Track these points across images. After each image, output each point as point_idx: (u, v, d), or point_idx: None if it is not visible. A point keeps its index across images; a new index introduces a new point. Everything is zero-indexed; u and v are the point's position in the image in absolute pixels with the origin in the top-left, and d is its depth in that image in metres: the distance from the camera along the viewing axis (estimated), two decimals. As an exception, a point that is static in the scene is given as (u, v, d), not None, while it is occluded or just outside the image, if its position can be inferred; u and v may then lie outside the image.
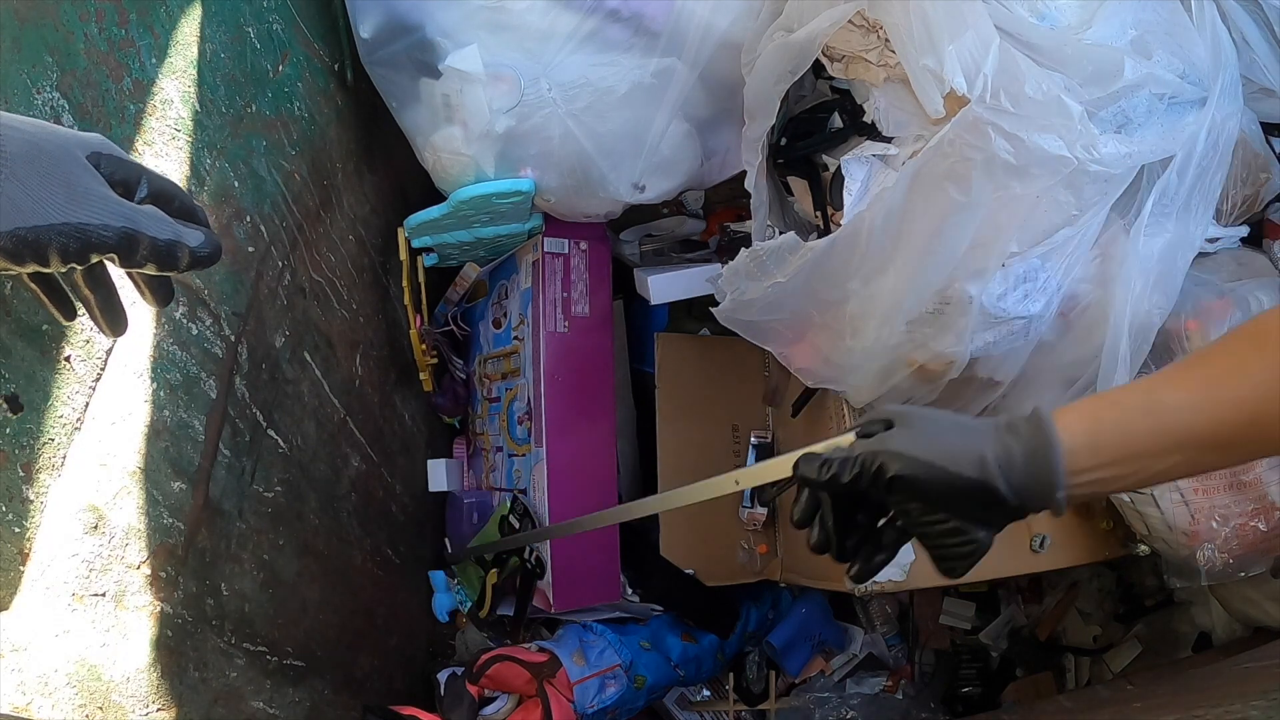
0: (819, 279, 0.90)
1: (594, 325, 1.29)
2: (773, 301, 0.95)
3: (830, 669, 1.44)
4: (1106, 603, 1.46)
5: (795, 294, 0.93)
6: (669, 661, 1.29)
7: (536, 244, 1.27)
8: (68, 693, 0.64)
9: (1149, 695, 1.07)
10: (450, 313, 1.39)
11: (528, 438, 1.27)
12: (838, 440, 0.59)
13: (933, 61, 0.78)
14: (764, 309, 0.97)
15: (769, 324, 1.01)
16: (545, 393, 1.24)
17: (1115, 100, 0.82)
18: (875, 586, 1.07)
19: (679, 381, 1.36)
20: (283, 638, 0.95)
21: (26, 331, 0.59)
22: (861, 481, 0.55)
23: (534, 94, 1.02)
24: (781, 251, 0.90)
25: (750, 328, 1.03)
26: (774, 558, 1.33)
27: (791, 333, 1.01)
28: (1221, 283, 0.98)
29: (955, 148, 0.78)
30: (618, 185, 1.10)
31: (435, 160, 1.13)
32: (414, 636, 1.38)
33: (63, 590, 0.64)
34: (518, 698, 1.17)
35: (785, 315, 0.97)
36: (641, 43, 1.01)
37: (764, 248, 0.91)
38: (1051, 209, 0.85)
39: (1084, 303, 0.92)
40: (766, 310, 0.97)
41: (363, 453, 1.19)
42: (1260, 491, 0.97)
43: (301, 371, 1.01)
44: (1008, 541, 1.12)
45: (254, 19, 0.90)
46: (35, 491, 0.61)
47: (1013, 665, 1.49)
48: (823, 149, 0.98)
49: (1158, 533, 1.04)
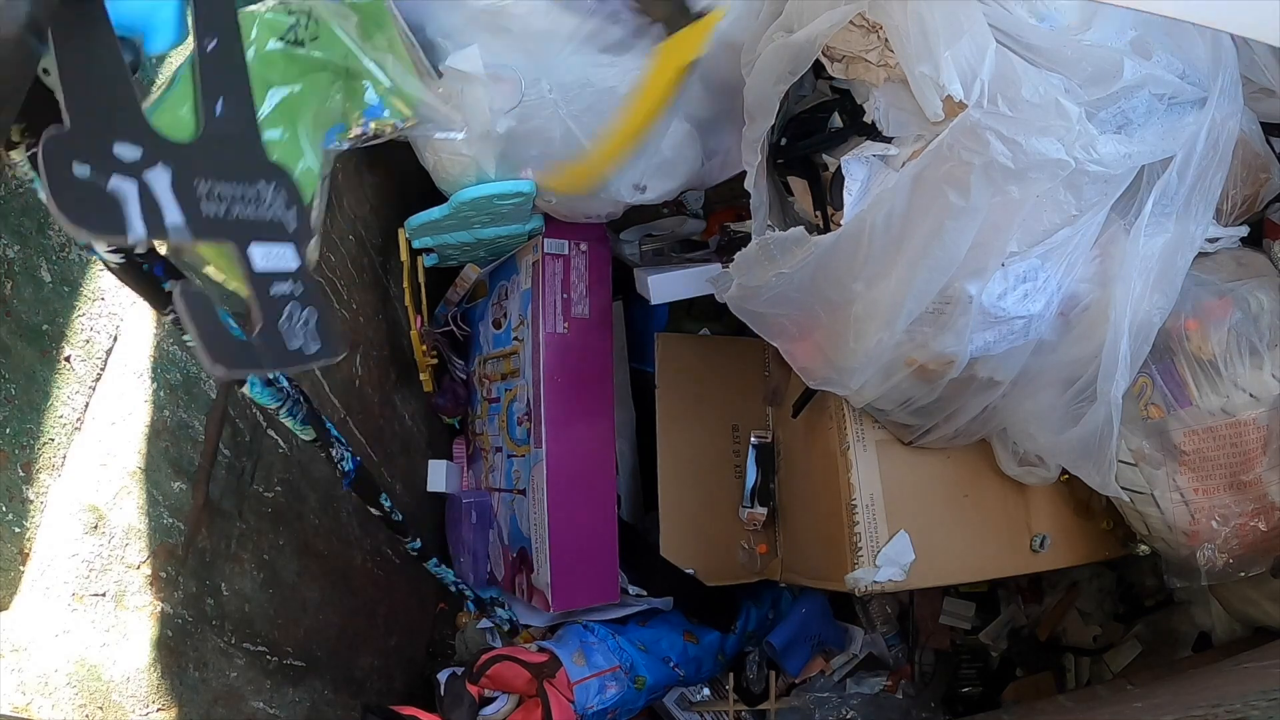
0: (824, 276, 0.90)
1: (594, 326, 1.29)
2: (779, 294, 0.95)
3: (830, 669, 1.44)
4: (1106, 603, 1.46)
5: (801, 289, 0.93)
6: (669, 662, 1.29)
7: (536, 245, 1.27)
8: (68, 693, 0.64)
9: (1149, 695, 1.07)
10: (450, 313, 1.39)
11: (527, 438, 1.27)
12: None
13: (929, 68, 0.78)
14: (770, 301, 0.97)
15: (776, 318, 1.01)
16: (545, 393, 1.24)
17: (1115, 101, 0.82)
18: (875, 586, 1.07)
19: (679, 381, 1.36)
20: (283, 638, 0.95)
21: (26, 331, 0.59)
22: None
23: (535, 95, 1.02)
24: (788, 243, 0.91)
25: (758, 320, 1.03)
26: (774, 558, 1.33)
27: (797, 329, 1.01)
28: (1221, 283, 0.98)
29: (954, 152, 0.78)
30: (618, 186, 1.10)
31: (436, 161, 1.13)
32: (414, 636, 1.38)
33: (63, 590, 0.64)
34: (518, 698, 1.17)
35: (792, 311, 0.97)
36: (642, 43, 1.01)
37: (773, 237, 0.92)
38: (1052, 209, 0.85)
39: (1084, 302, 0.92)
40: (773, 303, 0.97)
41: (363, 453, 1.19)
42: (1260, 491, 0.97)
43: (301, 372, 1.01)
44: (1008, 541, 1.12)
45: (254, 19, 0.90)
46: (35, 491, 0.61)
47: (1013, 665, 1.49)
48: (823, 149, 0.98)
49: (1158, 533, 1.04)
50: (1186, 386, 0.97)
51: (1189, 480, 0.99)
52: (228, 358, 0.43)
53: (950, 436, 1.08)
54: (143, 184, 0.41)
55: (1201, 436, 0.98)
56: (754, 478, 1.32)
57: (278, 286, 0.46)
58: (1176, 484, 1.00)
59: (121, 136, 0.41)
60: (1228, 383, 0.95)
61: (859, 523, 1.08)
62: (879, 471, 1.10)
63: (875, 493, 1.09)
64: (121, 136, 0.41)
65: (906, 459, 1.11)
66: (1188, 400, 0.97)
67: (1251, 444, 0.96)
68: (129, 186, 0.41)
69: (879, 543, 1.08)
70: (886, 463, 1.11)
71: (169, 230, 0.42)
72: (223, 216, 0.45)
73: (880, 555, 1.07)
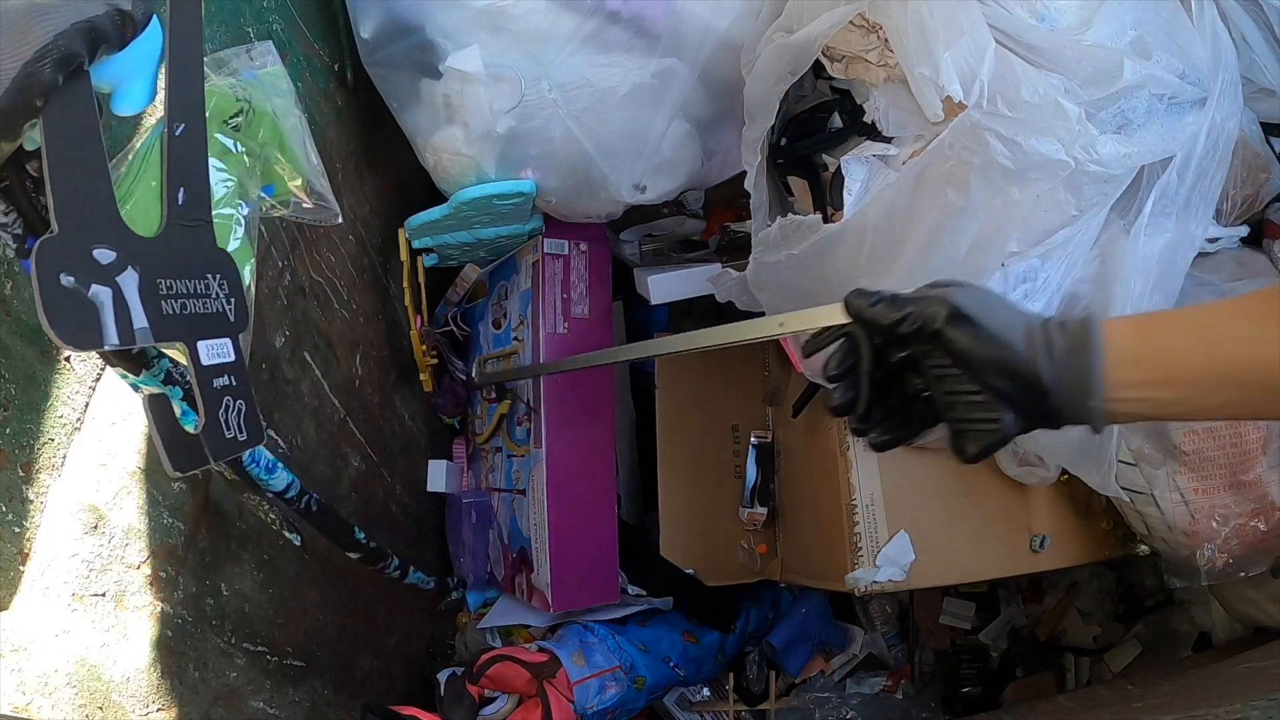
0: (830, 265, 0.91)
1: (593, 326, 1.29)
2: (788, 277, 0.95)
3: (830, 669, 1.44)
4: (1106, 603, 1.46)
5: (809, 276, 0.93)
6: (669, 662, 1.29)
7: (536, 245, 1.27)
8: (68, 693, 0.64)
9: (1149, 695, 1.07)
10: (450, 313, 1.40)
11: (527, 439, 1.27)
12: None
13: (929, 69, 0.78)
14: (780, 286, 0.98)
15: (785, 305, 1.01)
16: (545, 394, 1.24)
17: (1115, 101, 0.82)
18: (875, 586, 1.07)
19: (679, 381, 1.36)
20: (283, 638, 0.95)
21: (26, 331, 0.59)
22: (909, 323, 0.54)
23: (535, 95, 1.02)
24: (803, 226, 0.92)
25: (770, 305, 1.04)
26: (774, 558, 1.33)
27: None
28: (1221, 283, 0.98)
29: (953, 152, 0.79)
30: (619, 186, 1.10)
31: (436, 161, 1.13)
32: (414, 636, 1.38)
33: (63, 590, 0.64)
34: (518, 698, 1.17)
35: (800, 298, 0.98)
36: (642, 44, 1.01)
37: (790, 220, 0.93)
38: (1052, 209, 0.85)
39: (1084, 302, 0.92)
40: (783, 287, 0.98)
41: (363, 453, 1.19)
42: (1260, 491, 0.98)
43: (301, 371, 1.01)
44: (1008, 541, 1.12)
45: (254, 19, 0.90)
46: (35, 491, 0.61)
47: (1013, 665, 1.49)
48: (823, 149, 0.98)
49: (1158, 533, 1.04)
50: (1186, 386, 0.97)
51: (1189, 480, 0.99)
52: (182, 461, 0.49)
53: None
54: (116, 288, 0.45)
55: (1201, 436, 0.98)
56: (754, 478, 1.32)
57: (219, 379, 0.51)
58: (1176, 484, 1.00)
59: (100, 240, 0.45)
60: (1228, 383, 0.95)
61: (859, 523, 1.08)
62: (879, 471, 1.10)
63: (875, 493, 1.09)
64: (100, 240, 0.45)
65: (906, 459, 1.11)
66: (1188, 400, 0.96)
67: (1251, 444, 0.96)
68: (105, 294, 0.44)
69: (879, 543, 1.08)
70: (886, 463, 1.11)
71: (136, 334, 0.46)
72: (178, 314, 0.49)
73: (880, 555, 1.07)
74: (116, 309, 0.44)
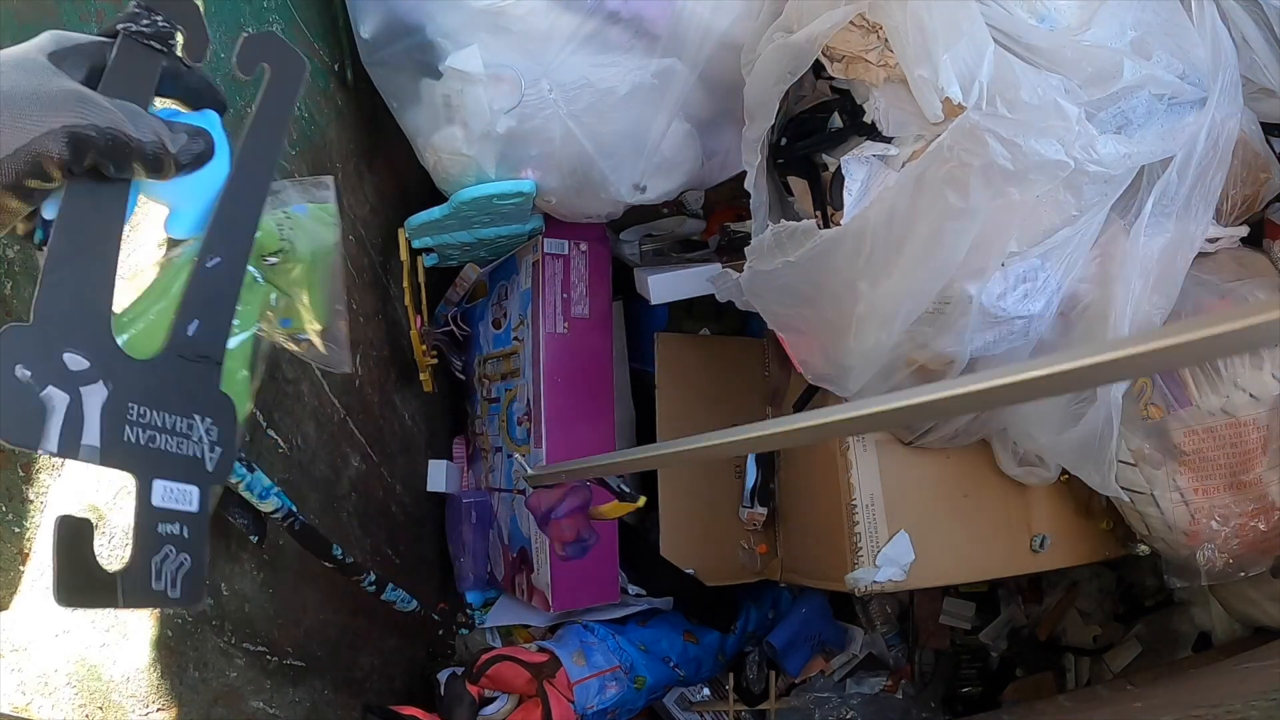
0: (829, 270, 0.91)
1: (594, 326, 1.29)
2: (785, 284, 0.95)
3: (830, 669, 1.44)
4: (1106, 603, 1.46)
5: (808, 281, 0.93)
6: (669, 662, 1.29)
7: (536, 245, 1.27)
8: (68, 693, 0.64)
9: (1149, 695, 1.07)
10: (450, 313, 1.40)
11: (527, 438, 1.27)
12: None
13: (928, 70, 0.78)
14: (777, 292, 0.98)
15: (782, 309, 1.01)
16: (545, 393, 1.24)
17: (1115, 101, 0.82)
18: (875, 586, 1.07)
19: (679, 381, 1.36)
20: (283, 638, 0.95)
21: (27, 332, 0.59)
22: None
23: (535, 95, 1.02)
24: (798, 233, 0.91)
25: (766, 310, 1.04)
26: (774, 558, 1.33)
27: (803, 323, 1.02)
28: (1221, 283, 0.98)
29: (953, 153, 0.78)
30: (619, 186, 1.10)
31: (436, 161, 1.13)
32: (414, 636, 1.38)
33: (63, 590, 0.64)
34: (518, 698, 1.17)
35: (798, 304, 0.98)
36: (642, 44, 1.01)
37: (785, 226, 0.92)
38: (1052, 209, 0.85)
39: (1084, 303, 0.92)
40: (780, 293, 0.98)
41: (363, 453, 1.19)
42: (1260, 491, 0.97)
43: (301, 371, 1.01)
44: (1008, 541, 1.12)
45: (254, 19, 0.90)
46: (35, 491, 0.61)
47: (1013, 665, 1.49)
48: (823, 149, 0.98)
49: (1158, 533, 1.04)
50: (1187, 387, 0.97)
51: (1189, 480, 0.99)
52: (75, 595, 0.42)
53: (950, 437, 1.08)
54: (76, 397, 0.41)
55: (1201, 436, 0.98)
56: (754, 478, 1.32)
57: (167, 525, 0.45)
58: (1176, 484, 1.00)
59: (76, 346, 0.41)
60: (1228, 383, 0.95)
61: (859, 523, 1.08)
62: (879, 471, 1.10)
63: (875, 493, 1.10)
64: (76, 346, 0.41)
65: (906, 459, 1.11)
66: (1188, 400, 0.97)
67: (1251, 444, 0.96)
68: (61, 399, 0.40)
69: (879, 543, 1.08)
70: (886, 463, 1.11)
71: (81, 450, 0.41)
72: (139, 444, 0.44)
73: (880, 555, 1.07)
74: (67, 418, 0.40)
